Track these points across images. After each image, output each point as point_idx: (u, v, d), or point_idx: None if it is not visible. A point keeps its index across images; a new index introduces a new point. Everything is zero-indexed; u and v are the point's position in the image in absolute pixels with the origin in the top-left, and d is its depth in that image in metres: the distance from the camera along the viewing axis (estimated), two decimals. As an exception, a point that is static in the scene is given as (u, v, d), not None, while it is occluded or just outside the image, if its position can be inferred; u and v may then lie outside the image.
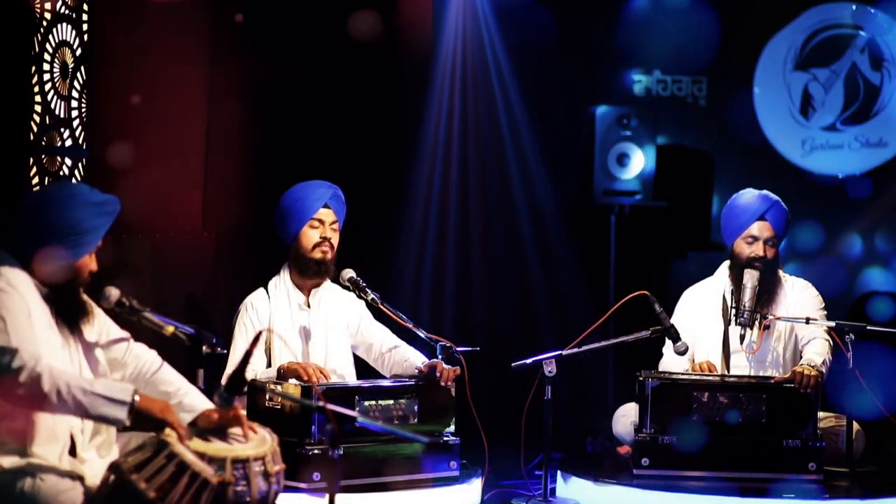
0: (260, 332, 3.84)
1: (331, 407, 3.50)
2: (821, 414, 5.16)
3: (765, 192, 5.56)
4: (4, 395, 3.55)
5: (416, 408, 4.86)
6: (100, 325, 3.97)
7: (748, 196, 5.55)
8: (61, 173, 4.90)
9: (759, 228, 5.48)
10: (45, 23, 4.78)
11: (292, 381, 4.77)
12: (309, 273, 5.17)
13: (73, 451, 3.79)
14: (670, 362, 5.48)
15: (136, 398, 3.59)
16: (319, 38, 6.11)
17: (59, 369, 3.56)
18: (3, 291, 3.66)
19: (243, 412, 3.84)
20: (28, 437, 3.66)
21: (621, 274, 6.91)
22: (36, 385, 3.50)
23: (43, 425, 3.67)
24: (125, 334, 4.03)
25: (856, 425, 5.25)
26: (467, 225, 6.83)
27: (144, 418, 3.59)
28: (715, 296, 5.60)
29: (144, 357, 4.02)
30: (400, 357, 5.16)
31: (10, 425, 3.65)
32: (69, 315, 3.84)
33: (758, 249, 5.48)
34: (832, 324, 5.24)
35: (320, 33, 6.12)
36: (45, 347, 3.68)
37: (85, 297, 3.90)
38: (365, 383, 4.91)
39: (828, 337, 5.29)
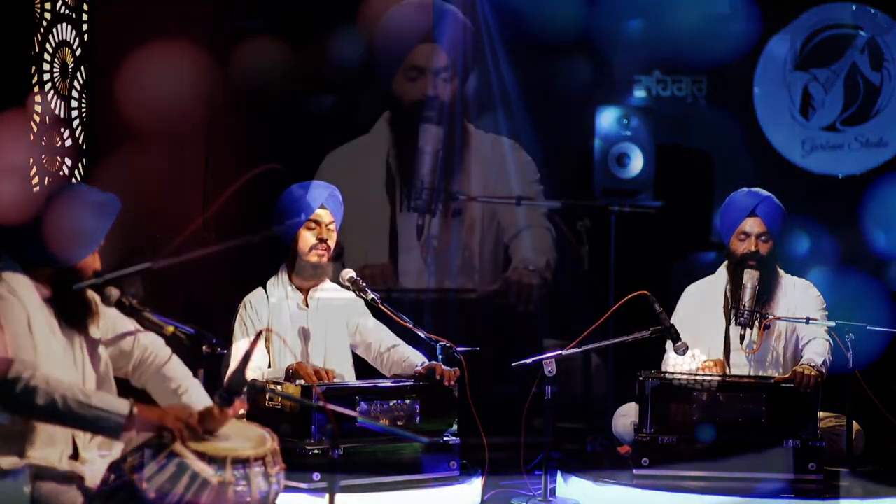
0: (260, 332, 3.84)
1: (331, 407, 3.50)
2: (821, 414, 5.16)
3: (755, 188, 5.57)
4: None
5: (418, 408, 4.86)
6: (106, 323, 3.95)
7: (739, 193, 5.57)
8: (61, 173, 4.90)
9: (751, 224, 5.50)
10: (45, 23, 4.78)
11: (299, 381, 4.76)
12: (306, 275, 5.17)
13: (75, 455, 3.78)
14: (676, 360, 5.46)
15: (135, 410, 3.56)
16: (320, 38, 6.11)
17: (55, 380, 3.54)
18: (2, 298, 3.65)
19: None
20: (27, 440, 3.65)
21: (621, 274, 6.90)
22: (30, 397, 3.50)
23: (43, 429, 3.66)
24: (133, 327, 4.01)
25: (856, 425, 5.25)
26: (467, 225, 6.82)
27: (144, 427, 3.58)
28: (717, 292, 5.60)
29: (151, 348, 4.01)
30: (399, 356, 5.15)
31: (9, 428, 3.65)
32: (74, 316, 3.83)
33: (750, 245, 5.49)
34: (832, 324, 5.24)
35: (321, 33, 6.12)
36: (45, 355, 3.67)
37: (90, 294, 3.87)
38: (366, 383, 4.90)
39: (828, 337, 5.29)
